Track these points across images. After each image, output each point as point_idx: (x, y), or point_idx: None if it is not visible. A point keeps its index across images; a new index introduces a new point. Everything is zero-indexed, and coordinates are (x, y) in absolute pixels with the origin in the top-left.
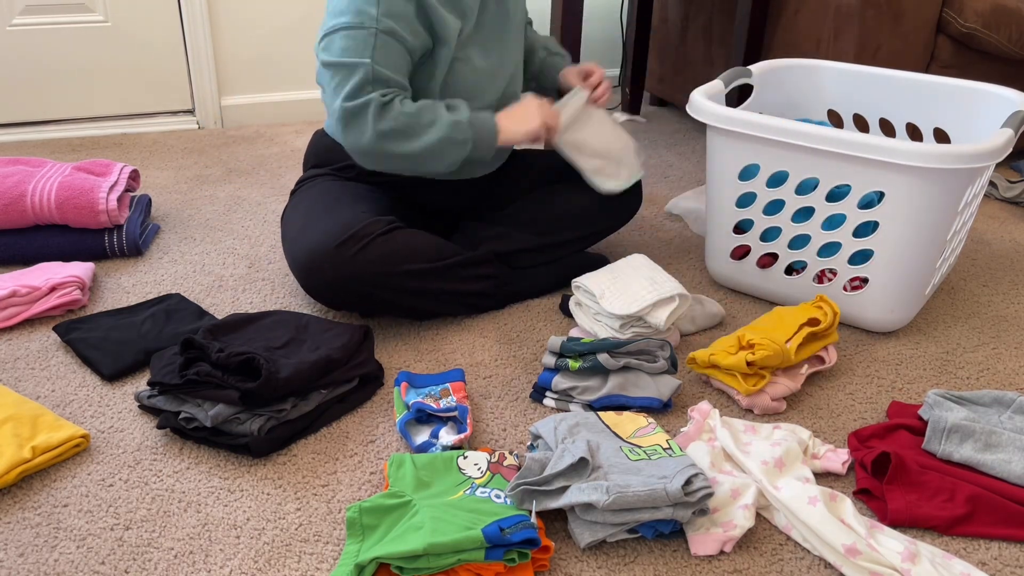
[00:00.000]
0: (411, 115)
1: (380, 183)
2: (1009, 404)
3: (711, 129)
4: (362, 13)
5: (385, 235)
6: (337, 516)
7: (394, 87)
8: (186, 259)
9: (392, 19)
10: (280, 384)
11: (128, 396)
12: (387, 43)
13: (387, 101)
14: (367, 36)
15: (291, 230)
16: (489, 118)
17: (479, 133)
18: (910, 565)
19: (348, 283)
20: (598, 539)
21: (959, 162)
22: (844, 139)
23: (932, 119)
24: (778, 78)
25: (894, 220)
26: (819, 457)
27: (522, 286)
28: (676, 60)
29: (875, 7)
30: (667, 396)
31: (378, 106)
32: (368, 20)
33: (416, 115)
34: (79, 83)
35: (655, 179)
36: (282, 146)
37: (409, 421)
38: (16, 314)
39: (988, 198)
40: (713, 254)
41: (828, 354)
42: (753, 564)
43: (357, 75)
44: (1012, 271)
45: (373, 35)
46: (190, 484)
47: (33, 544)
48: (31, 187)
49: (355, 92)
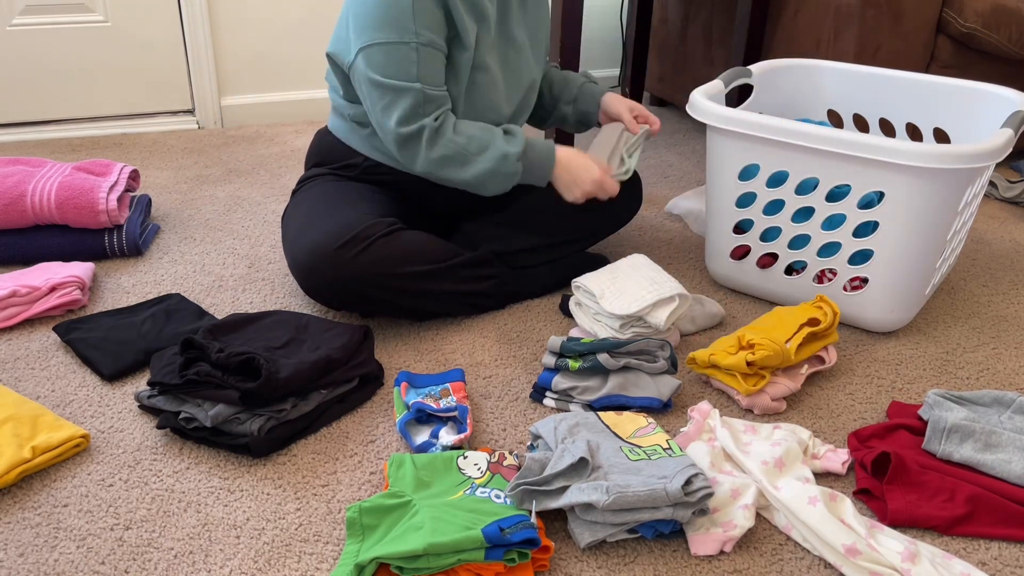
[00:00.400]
0: (463, 144)
1: (380, 183)
2: (1009, 404)
3: (711, 129)
4: (402, 28)
5: (386, 237)
6: (337, 516)
7: (443, 105)
8: (186, 259)
9: (429, 30)
10: (280, 384)
11: (128, 396)
12: (429, 55)
13: (439, 126)
14: (410, 52)
15: (291, 231)
16: (548, 153)
17: (533, 165)
18: (910, 565)
19: (348, 284)
20: (598, 539)
21: (959, 162)
22: (844, 139)
23: (932, 119)
24: (778, 78)
25: (894, 220)
26: (819, 457)
27: (522, 286)
28: (676, 60)
29: (875, 7)
30: (667, 396)
31: (432, 132)
32: (409, 35)
33: (467, 143)
34: (79, 83)
35: (655, 179)
36: (282, 146)
37: (409, 421)
38: (16, 314)
39: (988, 198)
40: (713, 254)
41: (828, 354)
42: (753, 564)
43: (408, 99)
44: (1012, 271)
45: (415, 50)
46: (190, 484)
47: (33, 544)
48: (31, 187)
49: (408, 117)
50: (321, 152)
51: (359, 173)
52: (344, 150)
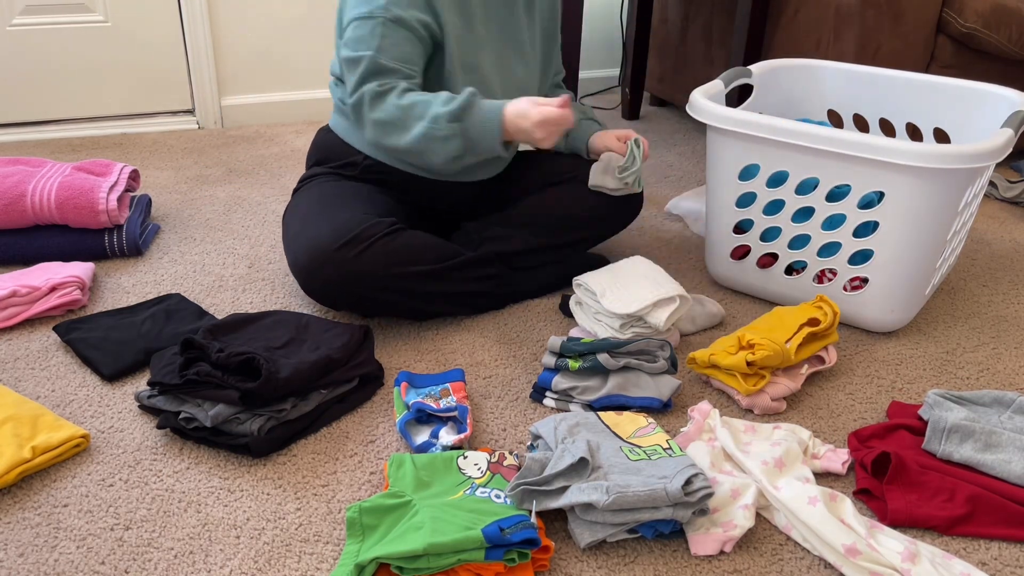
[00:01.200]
0: (404, 107)
1: (380, 182)
2: (1009, 404)
3: (711, 129)
4: (374, 3)
5: (387, 237)
6: (337, 516)
7: (398, 77)
8: (186, 259)
9: (400, 8)
10: (280, 384)
11: (128, 396)
12: (394, 31)
13: (382, 91)
14: (374, 26)
15: (292, 230)
16: (492, 115)
17: (472, 127)
18: (910, 565)
19: (349, 285)
20: (598, 539)
21: (959, 162)
22: (844, 139)
23: (932, 119)
24: (778, 78)
25: (894, 220)
26: (819, 457)
27: (523, 286)
28: (676, 60)
29: (875, 7)
30: (667, 396)
31: (372, 96)
32: (378, 10)
33: (408, 108)
34: (79, 83)
35: (655, 179)
36: (282, 146)
37: (409, 421)
38: (16, 314)
39: (988, 198)
40: (713, 254)
41: (828, 354)
42: (753, 564)
43: (360, 68)
44: (1012, 271)
45: (381, 24)
46: (190, 484)
47: (33, 544)
48: (31, 187)
49: (356, 86)
50: (321, 150)
51: (359, 172)
52: (344, 148)
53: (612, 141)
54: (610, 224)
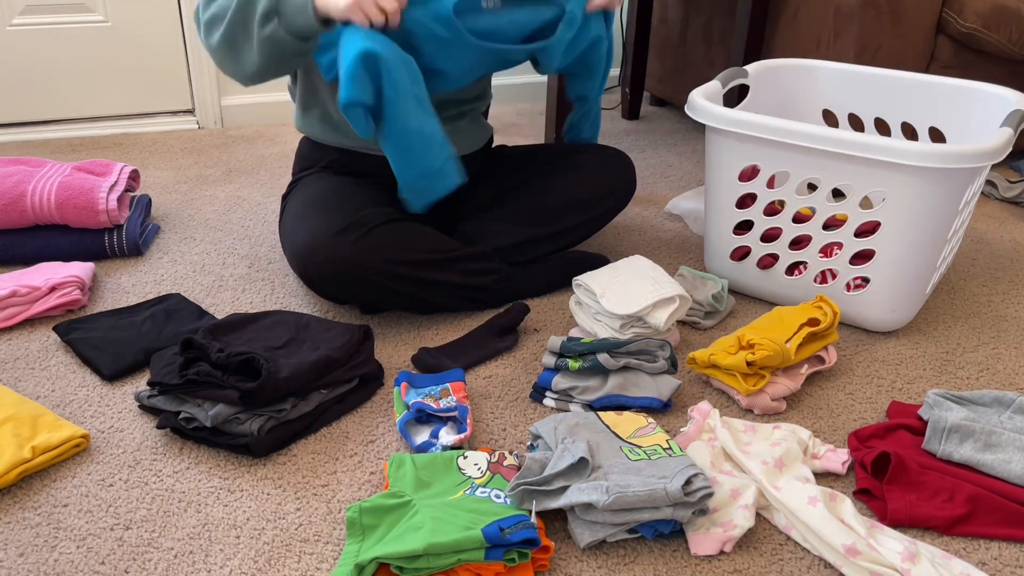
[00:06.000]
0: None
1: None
2: (1009, 404)
3: (710, 130)
4: None
5: (384, 225)
6: (337, 516)
7: None
8: (186, 259)
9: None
10: (280, 384)
11: (128, 396)
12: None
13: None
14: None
15: (289, 223)
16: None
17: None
18: (910, 565)
19: (347, 272)
20: (598, 539)
21: (960, 162)
22: (844, 139)
23: (928, 119)
24: (774, 78)
25: (895, 220)
26: (819, 457)
27: (523, 286)
28: (676, 60)
29: (875, 7)
30: (667, 396)
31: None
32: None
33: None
34: (79, 83)
35: (655, 179)
36: (282, 146)
37: (409, 421)
38: (16, 314)
39: (988, 198)
40: (713, 254)
41: (828, 354)
42: (753, 564)
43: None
44: (1012, 271)
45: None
46: (190, 484)
47: (33, 544)
48: (31, 187)
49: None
50: (304, 156)
51: (339, 168)
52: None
53: None
54: (606, 204)
